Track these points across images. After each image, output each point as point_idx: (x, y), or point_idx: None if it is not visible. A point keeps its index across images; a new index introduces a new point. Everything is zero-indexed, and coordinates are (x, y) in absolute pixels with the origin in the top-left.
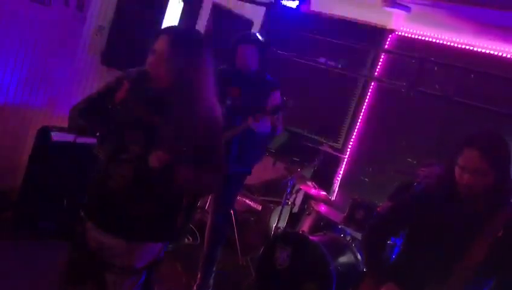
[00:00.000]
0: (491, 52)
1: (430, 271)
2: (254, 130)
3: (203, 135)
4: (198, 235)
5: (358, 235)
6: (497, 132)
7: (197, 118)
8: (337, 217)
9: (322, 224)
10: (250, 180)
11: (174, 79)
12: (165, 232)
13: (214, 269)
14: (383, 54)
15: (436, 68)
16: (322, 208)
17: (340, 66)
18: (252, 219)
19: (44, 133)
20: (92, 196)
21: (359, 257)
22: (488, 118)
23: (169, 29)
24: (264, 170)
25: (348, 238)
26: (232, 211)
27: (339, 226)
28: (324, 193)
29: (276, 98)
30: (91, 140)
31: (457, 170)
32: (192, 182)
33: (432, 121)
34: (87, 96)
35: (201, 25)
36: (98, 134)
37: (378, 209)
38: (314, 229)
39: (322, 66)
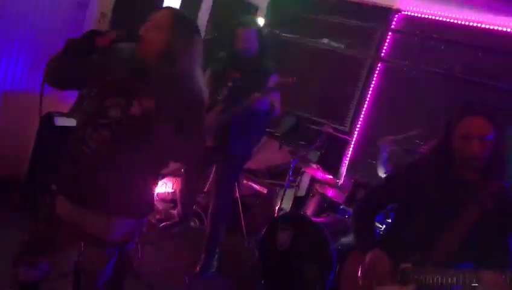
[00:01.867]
0: (499, 28)
1: (418, 241)
2: (253, 107)
3: (185, 109)
4: (205, 218)
5: None
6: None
7: (179, 92)
8: (340, 198)
9: (326, 206)
10: (255, 164)
11: (164, 49)
12: (136, 207)
13: (218, 250)
14: (389, 34)
15: (443, 47)
16: (327, 191)
17: (343, 46)
18: (258, 202)
19: (48, 118)
20: (65, 167)
21: None
22: (496, 95)
23: (174, 8)
24: (270, 155)
25: (350, 219)
26: (237, 195)
27: (341, 207)
28: (329, 175)
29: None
30: None
31: (458, 141)
32: (172, 142)
33: (440, 101)
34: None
35: (205, 9)
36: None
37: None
38: (317, 211)
39: (326, 47)
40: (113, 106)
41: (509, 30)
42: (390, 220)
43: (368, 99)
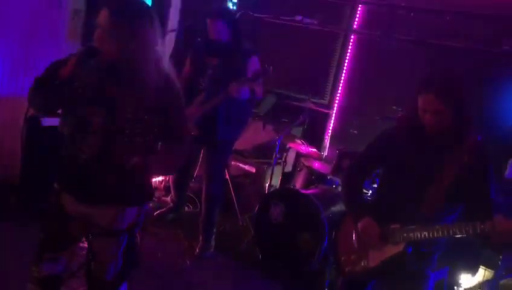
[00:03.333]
0: None
1: (403, 201)
2: (233, 98)
3: (159, 102)
4: (198, 202)
5: None
6: (452, 69)
7: (148, 85)
8: (326, 169)
9: (314, 178)
10: (242, 145)
11: (119, 50)
12: (138, 195)
13: (214, 230)
14: (360, 6)
15: (412, 14)
16: (313, 164)
17: (316, 22)
18: (248, 181)
19: (34, 120)
20: (65, 170)
21: None
22: (467, 57)
23: (110, 2)
24: (255, 135)
25: (338, 188)
26: (228, 177)
27: (328, 177)
28: (314, 149)
29: (254, 63)
30: None
31: (420, 111)
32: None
33: (413, 68)
34: (35, 76)
35: None
36: (59, 111)
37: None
38: (306, 184)
39: (300, 24)
40: (94, 113)
41: None
42: (376, 185)
43: (344, 71)
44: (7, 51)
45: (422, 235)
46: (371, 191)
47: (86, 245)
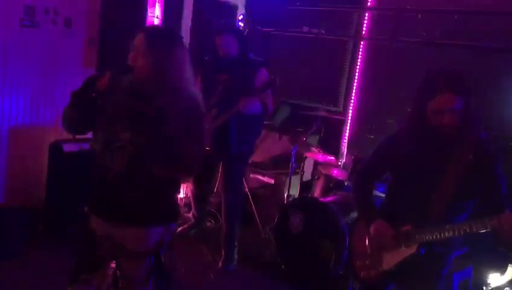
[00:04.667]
0: None
1: (413, 203)
2: (244, 112)
3: (185, 120)
4: (219, 217)
5: None
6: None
7: (177, 104)
8: (344, 176)
9: (332, 185)
10: (259, 157)
11: (152, 70)
12: (164, 215)
13: (236, 243)
14: (367, 13)
15: (419, 16)
16: (331, 171)
17: (323, 32)
18: (267, 192)
19: (56, 146)
20: (94, 189)
21: None
22: (476, 55)
23: (146, 27)
24: (271, 146)
25: None
26: (247, 189)
27: (346, 184)
28: (331, 156)
29: (262, 75)
30: None
31: (431, 115)
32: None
33: (424, 68)
34: (71, 92)
35: (187, 16)
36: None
37: None
38: (324, 191)
39: (308, 35)
40: (123, 130)
41: None
42: None
43: (356, 78)
44: (27, 80)
45: (434, 236)
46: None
47: (113, 265)
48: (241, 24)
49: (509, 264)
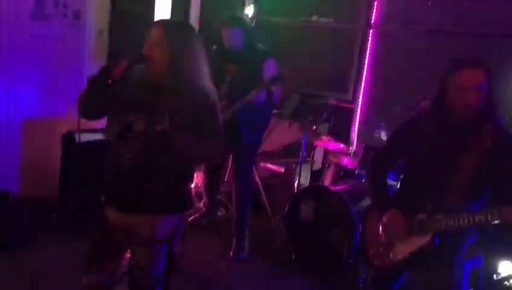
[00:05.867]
0: None
1: (428, 190)
2: (252, 103)
3: (200, 114)
4: (230, 206)
5: None
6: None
7: (191, 98)
8: (354, 164)
9: (342, 174)
10: (269, 146)
11: (168, 62)
12: (178, 203)
13: (247, 233)
14: (376, 1)
15: (429, 3)
16: (341, 159)
17: (333, 20)
18: (278, 181)
19: (69, 137)
20: (108, 178)
21: None
22: (487, 42)
23: (163, 20)
24: (282, 135)
25: None
26: (257, 179)
27: (356, 172)
28: (341, 144)
29: (270, 66)
30: None
31: (454, 92)
32: (193, 149)
33: (435, 56)
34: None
35: (195, 7)
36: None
37: None
38: (335, 180)
39: (317, 24)
40: (136, 120)
41: None
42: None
43: (365, 66)
44: (38, 72)
45: (449, 225)
46: (398, 183)
47: (128, 254)
48: (249, 14)
49: None
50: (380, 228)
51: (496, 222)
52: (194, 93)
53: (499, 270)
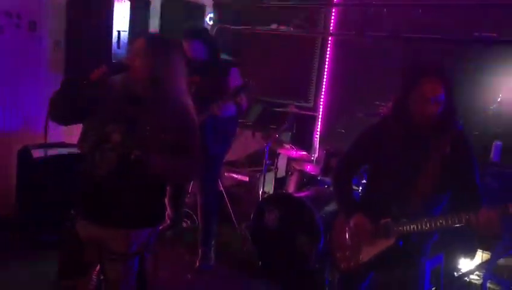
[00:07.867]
0: None
1: (392, 195)
2: (218, 116)
3: (179, 129)
4: (195, 217)
5: None
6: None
7: (171, 110)
8: (317, 171)
9: (305, 180)
10: (233, 155)
11: (148, 72)
12: (150, 218)
13: (213, 242)
14: (333, 9)
15: (385, 10)
16: (304, 167)
17: (292, 29)
18: (242, 190)
19: (25, 152)
20: (82, 189)
21: None
22: (443, 48)
23: (146, 34)
24: (245, 144)
25: (330, 187)
26: (222, 188)
27: (319, 178)
28: (303, 152)
29: (234, 75)
30: (68, 149)
31: (415, 102)
32: (168, 172)
33: (393, 62)
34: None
35: (154, 16)
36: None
37: None
38: (298, 187)
39: (277, 32)
40: (114, 131)
41: None
42: (365, 181)
43: (325, 73)
44: None
45: (412, 228)
46: (361, 188)
47: (97, 268)
48: (209, 23)
49: (478, 250)
50: (347, 232)
51: (457, 225)
52: (174, 106)
53: (459, 267)
